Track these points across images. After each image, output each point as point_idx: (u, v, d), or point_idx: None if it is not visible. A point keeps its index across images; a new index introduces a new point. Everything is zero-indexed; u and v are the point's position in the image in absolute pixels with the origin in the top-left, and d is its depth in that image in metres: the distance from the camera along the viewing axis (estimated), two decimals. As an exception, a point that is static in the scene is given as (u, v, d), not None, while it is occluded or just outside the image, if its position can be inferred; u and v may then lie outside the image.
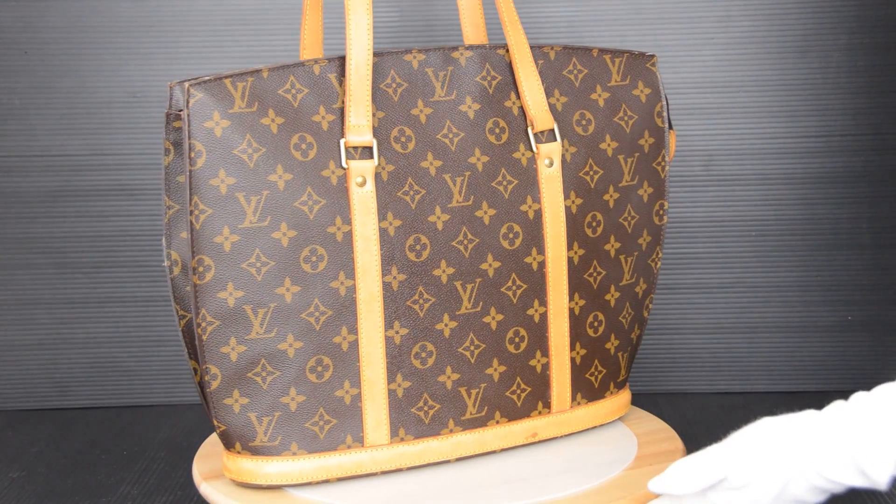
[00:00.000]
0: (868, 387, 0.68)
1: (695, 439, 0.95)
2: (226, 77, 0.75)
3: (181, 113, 0.78)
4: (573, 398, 0.88)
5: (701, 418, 1.05)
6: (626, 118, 0.88)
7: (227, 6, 1.10)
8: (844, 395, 0.69)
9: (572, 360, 0.87)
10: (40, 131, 1.11)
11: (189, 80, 0.76)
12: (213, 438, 0.91)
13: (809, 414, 0.69)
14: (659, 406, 1.08)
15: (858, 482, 0.66)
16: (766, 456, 0.69)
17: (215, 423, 0.78)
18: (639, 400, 1.06)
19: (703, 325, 1.12)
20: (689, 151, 1.11)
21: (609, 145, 0.87)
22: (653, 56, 0.88)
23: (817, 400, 0.71)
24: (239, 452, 0.78)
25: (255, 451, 0.78)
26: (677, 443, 0.89)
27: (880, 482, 0.65)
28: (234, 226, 0.75)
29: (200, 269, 0.75)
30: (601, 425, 0.92)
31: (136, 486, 0.94)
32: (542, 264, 0.85)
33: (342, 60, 0.79)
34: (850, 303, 1.11)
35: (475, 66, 0.84)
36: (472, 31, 0.90)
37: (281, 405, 0.78)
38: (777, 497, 0.68)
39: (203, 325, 0.76)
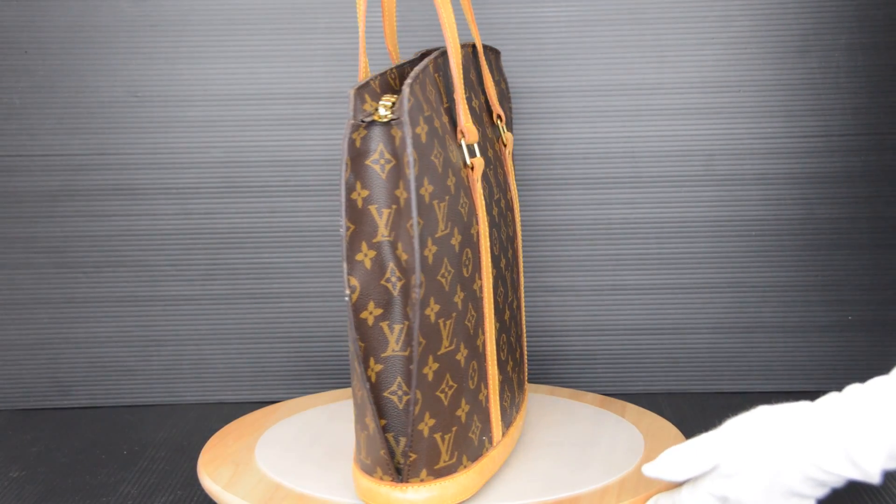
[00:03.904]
0: (869, 386, 0.69)
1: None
2: (410, 80, 0.72)
3: (363, 123, 0.73)
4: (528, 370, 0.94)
5: (701, 418, 1.05)
6: (508, 108, 0.94)
7: (229, 5, 1.10)
8: (845, 394, 0.69)
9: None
10: (40, 131, 1.11)
11: (370, 80, 0.72)
12: (215, 440, 0.90)
13: (804, 404, 0.70)
14: (659, 406, 1.08)
15: (851, 473, 0.66)
16: (758, 444, 0.69)
17: (410, 454, 0.73)
18: (639, 400, 1.06)
19: (703, 325, 1.12)
20: (689, 151, 1.11)
21: (511, 134, 0.93)
22: (500, 52, 0.95)
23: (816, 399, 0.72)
24: (423, 480, 0.73)
25: (438, 474, 0.74)
26: (682, 441, 0.89)
27: (872, 473, 0.65)
28: (433, 236, 0.72)
29: (418, 286, 0.71)
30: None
31: (136, 486, 0.94)
32: (517, 248, 0.90)
33: (435, 61, 0.78)
34: (850, 303, 1.12)
35: (467, 63, 0.85)
36: (391, 32, 0.90)
37: (456, 419, 0.74)
38: (769, 487, 0.69)
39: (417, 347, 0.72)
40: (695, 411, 1.08)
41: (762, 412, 0.71)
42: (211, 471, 0.83)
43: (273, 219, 1.12)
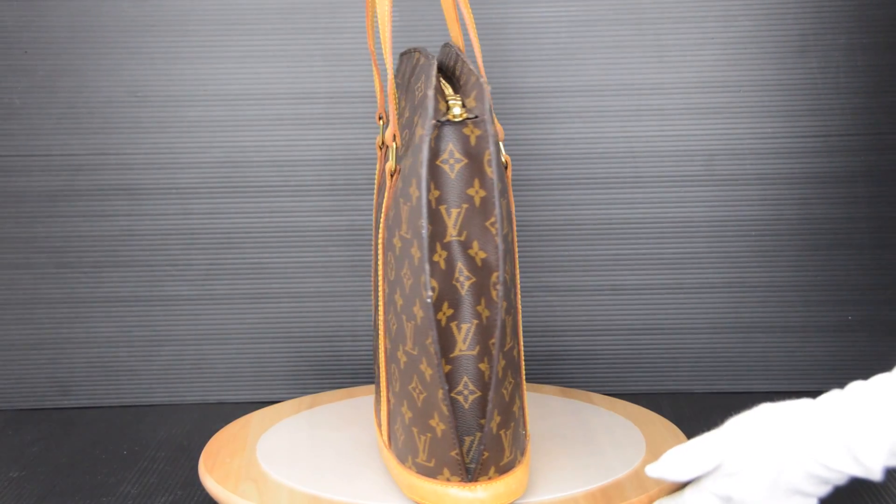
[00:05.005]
0: (868, 386, 0.69)
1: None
2: (484, 78, 0.72)
3: (439, 123, 0.72)
4: None
5: (701, 418, 1.05)
6: None
7: (229, 6, 1.10)
8: (846, 394, 0.69)
9: None
10: (41, 131, 1.11)
11: (443, 75, 0.72)
12: (208, 460, 0.88)
13: (806, 402, 0.70)
14: (660, 406, 1.08)
15: (853, 470, 0.66)
16: (760, 442, 0.69)
17: (484, 452, 0.73)
18: (640, 400, 1.06)
19: (703, 325, 1.12)
20: (689, 151, 1.11)
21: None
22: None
23: (818, 399, 0.72)
24: (490, 478, 0.73)
25: (502, 471, 0.74)
26: (684, 441, 0.89)
27: (874, 470, 0.65)
28: (502, 233, 0.72)
29: (501, 284, 0.71)
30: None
31: (136, 486, 0.94)
32: None
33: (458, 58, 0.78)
34: (850, 303, 1.12)
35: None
36: (373, 33, 0.90)
37: (512, 414, 0.75)
38: (772, 485, 0.69)
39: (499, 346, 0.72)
40: (695, 411, 1.08)
41: (764, 410, 0.71)
42: (232, 488, 0.81)
43: (273, 219, 1.12)
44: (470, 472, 0.73)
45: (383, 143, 0.89)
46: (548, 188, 1.11)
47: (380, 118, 0.90)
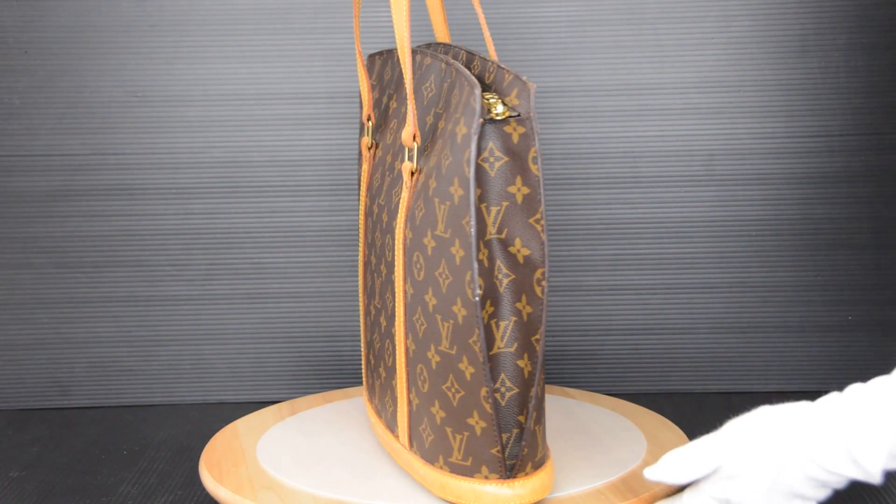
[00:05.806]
0: (869, 386, 0.69)
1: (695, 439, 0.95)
2: (525, 77, 0.72)
3: (483, 121, 0.72)
4: None
5: (701, 418, 1.05)
6: None
7: (229, 5, 1.10)
8: (846, 394, 0.69)
9: None
10: (40, 131, 1.11)
11: (482, 75, 0.72)
12: (211, 469, 0.86)
13: (805, 404, 0.70)
14: (660, 406, 1.08)
15: (852, 472, 0.66)
16: (759, 445, 0.69)
17: (524, 448, 0.73)
18: (640, 399, 1.06)
19: (703, 325, 1.12)
20: (689, 151, 1.11)
21: None
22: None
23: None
24: (527, 474, 0.74)
25: (537, 466, 0.74)
26: (685, 441, 0.89)
27: (873, 472, 0.65)
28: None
29: (544, 281, 0.72)
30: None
31: (136, 486, 0.94)
32: None
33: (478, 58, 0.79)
34: (850, 303, 1.12)
35: None
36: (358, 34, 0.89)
37: (543, 410, 0.75)
38: (771, 487, 0.69)
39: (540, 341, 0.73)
40: (695, 411, 1.08)
41: (763, 413, 0.71)
42: (251, 497, 0.80)
43: (273, 219, 1.12)
44: (509, 469, 0.73)
45: (373, 144, 0.89)
46: (548, 188, 1.11)
47: (368, 119, 0.89)
